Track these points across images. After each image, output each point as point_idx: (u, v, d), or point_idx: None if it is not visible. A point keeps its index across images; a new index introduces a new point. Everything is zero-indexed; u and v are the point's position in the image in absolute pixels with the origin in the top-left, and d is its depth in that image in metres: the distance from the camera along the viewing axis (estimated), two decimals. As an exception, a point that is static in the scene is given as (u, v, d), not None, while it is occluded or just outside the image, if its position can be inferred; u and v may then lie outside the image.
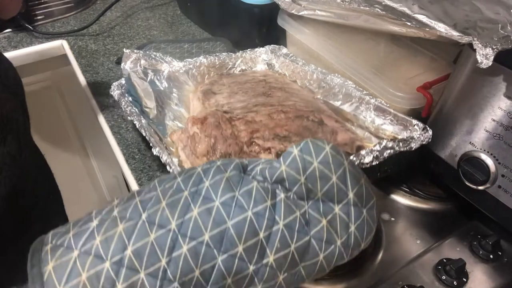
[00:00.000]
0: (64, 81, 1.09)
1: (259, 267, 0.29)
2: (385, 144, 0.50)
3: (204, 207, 0.29)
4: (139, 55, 0.69)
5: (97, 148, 1.22)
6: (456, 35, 0.46)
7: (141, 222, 0.29)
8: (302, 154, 0.32)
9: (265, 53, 0.79)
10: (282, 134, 0.53)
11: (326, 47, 0.70)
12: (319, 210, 0.31)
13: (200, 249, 0.28)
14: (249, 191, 0.30)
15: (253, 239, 0.29)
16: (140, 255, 0.28)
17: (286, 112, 0.56)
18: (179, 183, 0.31)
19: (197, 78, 0.73)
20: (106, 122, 0.73)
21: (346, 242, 0.32)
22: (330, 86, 0.67)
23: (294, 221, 0.30)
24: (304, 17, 0.69)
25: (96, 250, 0.28)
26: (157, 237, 0.28)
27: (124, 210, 0.30)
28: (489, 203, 0.51)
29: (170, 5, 1.07)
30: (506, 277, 0.50)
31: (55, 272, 0.27)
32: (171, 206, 0.30)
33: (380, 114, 0.60)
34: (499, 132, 0.48)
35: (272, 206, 0.30)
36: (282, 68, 0.76)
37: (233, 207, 0.29)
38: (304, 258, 0.31)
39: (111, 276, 0.27)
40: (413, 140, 0.52)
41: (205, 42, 0.89)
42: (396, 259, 0.53)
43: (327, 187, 0.32)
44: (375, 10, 0.53)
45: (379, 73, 0.64)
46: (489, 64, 0.42)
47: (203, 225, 0.29)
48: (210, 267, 0.28)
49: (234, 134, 0.52)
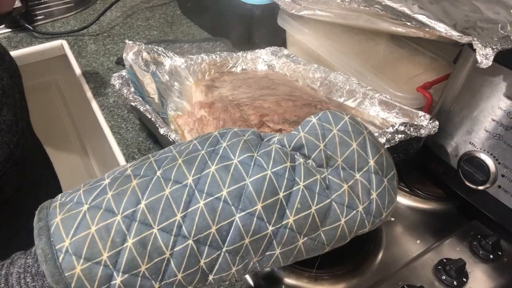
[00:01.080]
0: (64, 81, 1.09)
1: (278, 228, 0.28)
2: (397, 127, 0.50)
3: (221, 164, 0.28)
4: (141, 47, 0.68)
5: (97, 148, 1.22)
6: (456, 35, 0.46)
7: (156, 178, 0.28)
8: (321, 122, 0.31)
9: (265, 54, 0.79)
10: (292, 119, 0.52)
11: (326, 47, 0.70)
12: (339, 176, 0.31)
13: (217, 205, 0.27)
14: (267, 152, 0.29)
15: (272, 198, 0.28)
16: (153, 210, 0.27)
17: (294, 101, 0.56)
18: (196, 144, 0.30)
19: (197, 75, 0.73)
20: (106, 122, 0.73)
21: (368, 208, 0.31)
22: (332, 83, 0.67)
23: (314, 183, 0.29)
24: (304, 17, 0.69)
25: (108, 204, 0.27)
26: (172, 192, 0.27)
27: (137, 168, 0.29)
28: (489, 203, 0.51)
29: (170, 5, 1.07)
30: (506, 277, 0.50)
31: (63, 225, 0.26)
32: (187, 163, 0.29)
33: (385, 108, 0.60)
34: (499, 132, 0.48)
35: (291, 168, 0.29)
36: (283, 69, 0.76)
37: (252, 166, 0.28)
38: (325, 221, 0.30)
39: (122, 229, 0.26)
40: (423, 127, 0.52)
41: (205, 42, 0.89)
42: (396, 259, 0.53)
43: (347, 153, 0.31)
44: (375, 10, 0.53)
45: (379, 73, 0.64)
46: (489, 64, 0.42)
47: (221, 181, 0.28)
48: (227, 224, 0.27)
49: (243, 117, 0.51)
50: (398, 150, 0.51)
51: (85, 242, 0.26)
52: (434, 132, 0.52)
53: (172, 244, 0.27)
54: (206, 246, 0.27)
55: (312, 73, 0.70)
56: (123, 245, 0.26)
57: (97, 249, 0.26)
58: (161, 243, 0.26)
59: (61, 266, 0.25)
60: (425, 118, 0.54)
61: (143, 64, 0.68)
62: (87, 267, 0.25)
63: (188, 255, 0.27)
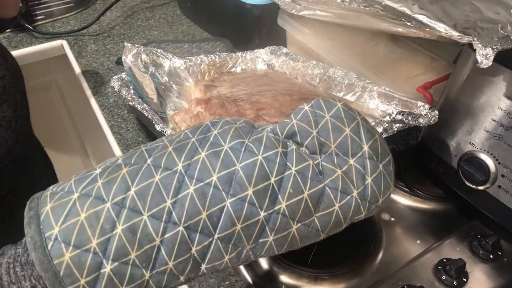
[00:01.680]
0: (64, 81, 1.09)
1: (270, 214, 0.28)
2: (395, 116, 0.49)
3: (212, 150, 0.28)
4: (141, 50, 0.69)
5: (97, 148, 1.22)
6: (456, 35, 0.46)
7: (146, 165, 0.28)
8: (314, 109, 0.31)
9: (265, 53, 0.79)
10: (288, 112, 0.52)
11: (326, 47, 0.70)
12: (333, 162, 0.30)
13: (207, 191, 0.27)
14: (259, 138, 0.29)
15: (263, 183, 0.28)
16: (143, 196, 0.27)
17: (291, 95, 0.56)
18: (187, 133, 0.30)
19: (197, 76, 0.73)
20: (106, 122, 0.73)
21: (363, 193, 0.30)
22: (331, 78, 0.67)
23: (306, 168, 0.29)
24: (304, 17, 0.69)
25: (98, 192, 0.27)
26: (162, 178, 0.27)
27: (128, 157, 0.29)
28: (489, 203, 0.51)
29: (170, 5, 1.07)
30: (506, 277, 0.50)
31: (52, 213, 0.26)
32: (178, 150, 0.29)
33: (384, 100, 0.60)
34: (499, 132, 0.48)
35: (283, 154, 0.29)
36: (283, 67, 0.76)
37: (243, 152, 0.28)
38: (318, 207, 0.29)
39: (112, 216, 0.26)
40: (422, 116, 0.51)
41: (205, 42, 0.89)
42: (396, 259, 0.53)
43: (341, 139, 0.31)
44: (375, 10, 0.53)
45: (379, 73, 0.64)
46: (489, 64, 0.42)
47: (211, 167, 0.28)
48: (218, 209, 0.27)
49: (240, 112, 0.51)
50: (397, 141, 0.51)
51: (74, 229, 0.25)
52: (434, 121, 0.52)
53: (162, 230, 0.26)
54: (197, 233, 0.27)
55: (311, 70, 0.70)
56: (113, 232, 0.26)
57: (86, 236, 0.25)
58: (151, 229, 0.26)
59: (50, 253, 0.25)
60: (424, 108, 0.54)
61: (142, 66, 0.68)
62: (76, 254, 0.25)
63: (178, 242, 0.27)
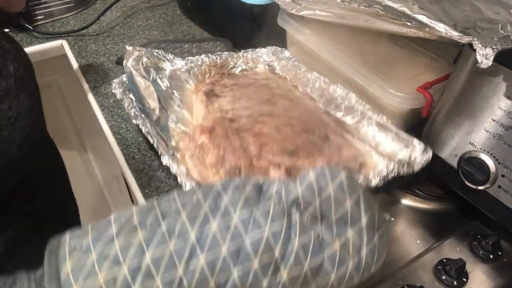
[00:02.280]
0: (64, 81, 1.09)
1: (272, 283, 0.30)
2: (391, 168, 0.51)
3: (222, 221, 0.31)
4: (142, 53, 0.69)
5: (97, 148, 1.22)
6: (456, 35, 0.46)
7: (160, 232, 0.30)
8: (318, 179, 0.33)
9: (266, 53, 0.79)
10: (290, 149, 0.53)
11: (326, 47, 0.70)
12: (333, 234, 0.32)
13: (217, 261, 0.29)
14: (266, 210, 0.31)
15: (268, 255, 0.30)
16: (157, 262, 0.29)
17: (292, 125, 0.57)
18: (199, 199, 0.32)
19: (198, 77, 0.73)
20: (106, 122, 0.73)
21: (358, 264, 0.33)
22: (332, 97, 0.67)
23: (309, 241, 0.31)
24: (304, 17, 0.69)
25: (115, 255, 0.29)
26: (175, 245, 0.29)
27: (143, 216, 0.31)
28: (489, 203, 0.51)
29: (170, 5, 1.07)
30: (506, 277, 0.50)
31: (73, 274, 0.28)
32: (190, 219, 0.31)
33: (381, 130, 0.61)
34: (499, 132, 0.48)
35: (287, 226, 0.31)
36: (284, 72, 0.76)
37: (251, 223, 0.31)
38: (316, 277, 0.32)
39: (127, 280, 0.28)
40: (416, 163, 0.53)
41: (205, 42, 0.89)
42: (396, 259, 0.53)
43: (341, 210, 0.33)
44: (375, 10, 0.53)
45: (379, 73, 0.64)
46: (489, 64, 0.42)
47: (221, 238, 0.30)
48: (225, 277, 0.29)
49: (243, 146, 0.53)
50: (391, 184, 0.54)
51: None
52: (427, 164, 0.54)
53: None
54: None
55: (312, 83, 0.71)
56: None
57: None
58: None
59: None
60: (419, 148, 0.55)
61: (143, 70, 0.68)
62: None
63: None
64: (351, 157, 0.56)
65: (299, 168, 0.52)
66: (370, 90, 0.64)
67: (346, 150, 0.56)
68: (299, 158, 0.53)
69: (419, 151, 0.55)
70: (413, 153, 0.55)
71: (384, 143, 0.60)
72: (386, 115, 0.65)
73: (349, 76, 0.67)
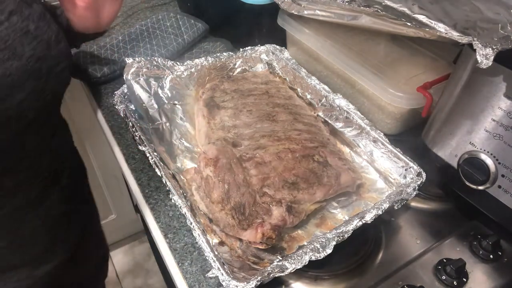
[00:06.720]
0: (64, 81, 1.08)
1: None
2: (384, 207, 0.52)
3: None
4: (141, 64, 0.69)
5: (97, 148, 1.22)
6: (456, 35, 0.46)
7: None
8: None
9: (265, 52, 0.79)
10: (291, 180, 0.55)
11: (326, 47, 0.70)
12: None
13: None
14: None
15: None
16: None
17: (293, 152, 0.59)
18: None
19: (197, 81, 0.74)
20: (106, 122, 0.73)
21: None
22: (332, 107, 0.68)
23: None
24: (304, 17, 0.69)
25: None
26: None
27: None
28: (489, 203, 0.51)
29: (170, 5, 1.07)
30: (506, 277, 0.50)
31: None
32: None
33: (379, 146, 0.62)
34: (499, 132, 0.48)
35: None
36: (283, 73, 0.77)
37: None
38: None
39: None
40: (407, 193, 0.54)
41: (205, 42, 0.89)
42: (396, 259, 0.53)
43: None
44: (375, 10, 0.53)
45: (379, 73, 0.64)
46: (489, 64, 0.42)
47: None
48: None
49: (246, 180, 0.55)
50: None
51: None
52: (419, 188, 0.55)
53: None
54: None
55: (312, 88, 0.71)
56: None
57: None
58: None
59: None
60: (414, 171, 0.57)
61: (144, 82, 0.69)
62: None
63: None
64: (349, 183, 0.58)
65: (300, 201, 0.54)
66: (370, 90, 0.64)
67: (344, 176, 0.58)
68: (299, 191, 0.54)
69: (413, 173, 0.57)
70: (408, 176, 0.57)
71: (380, 160, 0.62)
72: (386, 115, 0.65)
73: (349, 76, 0.67)
